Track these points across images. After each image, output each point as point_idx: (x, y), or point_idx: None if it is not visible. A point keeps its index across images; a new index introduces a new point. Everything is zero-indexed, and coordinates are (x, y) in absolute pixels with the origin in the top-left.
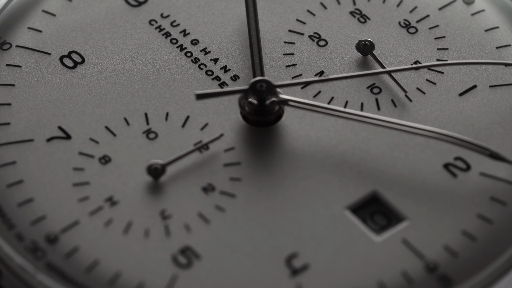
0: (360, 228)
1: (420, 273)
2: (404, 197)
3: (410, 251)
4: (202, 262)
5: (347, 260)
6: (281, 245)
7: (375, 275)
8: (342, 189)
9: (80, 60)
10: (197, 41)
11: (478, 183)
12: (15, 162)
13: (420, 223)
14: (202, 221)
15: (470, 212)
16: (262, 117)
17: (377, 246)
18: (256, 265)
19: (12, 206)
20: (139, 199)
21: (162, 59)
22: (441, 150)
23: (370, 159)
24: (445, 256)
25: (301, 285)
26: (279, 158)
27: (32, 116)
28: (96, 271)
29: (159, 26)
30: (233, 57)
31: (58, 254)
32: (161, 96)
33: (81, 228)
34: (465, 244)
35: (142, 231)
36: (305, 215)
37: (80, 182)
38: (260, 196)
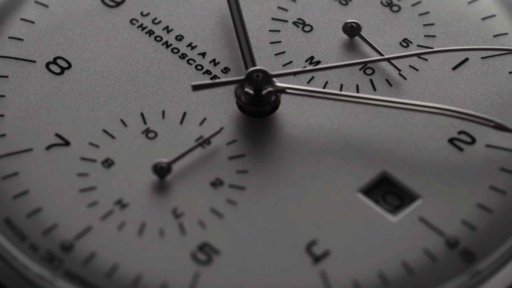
0: (375, 210)
1: (442, 250)
2: (414, 176)
3: (428, 229)
4: (222, 257)
5: (367, 242)
6: (299, 233)
7: (398, 256)
8: (351, 172)
9: (67, 66)
10: (181, 36)
11: (485, 155)
12: (17, 173)
13: (434, 200)
14: (216, 216)
15: (482, 184)
16: (259, 107)
17: (395, 226)
18: (277, 255)
19: (21, 217)
20: (149, 200)
21: (150, 57)
22: (443, 126)
23: (374, 140)
24: (464, 231)
25: (324, 271)
26: (283, 147)
27: (27, 125)
28: (117, 275)
29: (140, 24)
30: (220, 49)
31: (75, 262)
32: (155, 95)
33: (94, 234)
34: (482, 217)
35: (156, 232)
36: (318, 202)
37: (87, 188)
38: (270, 187)
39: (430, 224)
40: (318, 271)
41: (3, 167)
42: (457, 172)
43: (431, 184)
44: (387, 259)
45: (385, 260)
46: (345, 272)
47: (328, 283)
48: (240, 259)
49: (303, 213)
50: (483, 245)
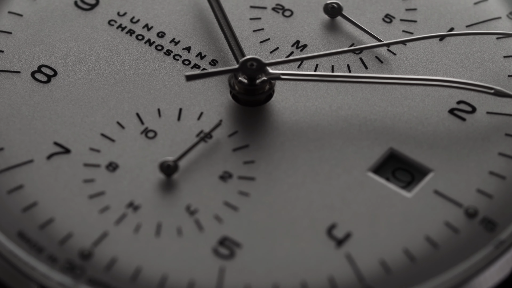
0: (389, 187)
1: (463, 221)
2: (421, 150)
3: (445, 201)
4: (244, 250)
5: (387, 221)
6: (317, 218)
7: (420, 231)
8: (357, 152)
9: (52, 73)
10: (163, 33)
11: (488, 122)
12: (22, 185)
13: (446, 172)
14: (230, 209)
15: (490, 152)
16: (253, 96)
17: (411, 202)
18: (299, 242)
19: (34, 229)
20: (160, 199)
21: (135, 57)
22: (441, 97)
23: (375, 118)
24: (481, 200)
25: (349, 254)
26: (285, 133)
27: (23, 136)
28: (142, 278)
29: (119, 25)
30: (204, 42)
31: (97, 268)
32: (147, 94)
33: (112, 239)
34: (496, 185)
35: (174, 230)
36: (330, 185)
37: (95, 193)
38: (279, 175)
39: (446, 196)
40: (343, 254)
41: (7, 181)
42: (464, 142)
43: (440, 156)
44: (410, 235)
45: (408, 237)
46: (370, 253)
47: (355, 265)
48: (263, 249)
49: (317, 198)
50: (503, 212)
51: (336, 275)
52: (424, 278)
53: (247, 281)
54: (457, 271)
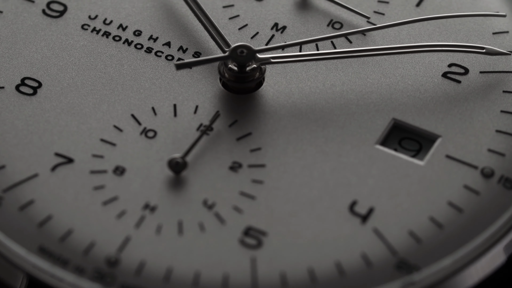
0: (400, 158)
1: (481, 182)
2: (423, 116)
3: (460, 164)
4: (270, 237)
5: (406, 191)
6: (336, 197)
7: (441, 197)
8: (361, 127)
9: (37, 85)
10: (139, 31)
11: (483, 81)
12: (33, 200)
13: (454, 136)
14: (248, 198)
15: (492, 111)
16: (243, 83)
17: (426, 169)
18: (324, 223)
19: (55, 242)
20: (176, 197)
21: (117, 58)
22: (431, 62)
23: (370, 90)
24: (495, 159)
25: (376, 228)
26: (286, 117)
27: (22, 151)
28: (174, 278)
29: (93, 28)
30: (183, 36)
31: (127, 273)
32: (137, 94)
33: (135, 242)
34: (507, 142)
35: (196, 227)
36: (341, 163)
37: (109, 199)
38: (288, 158)
39: (459, 159)
40: (370, 230)
41: (16, 198)
42: (464, 104)
43: (444, 121)
44: (432, 203)
45: (431, 205)
46: (397, 225)
47: (385, 239)
48: (289, 234)
49: (332, 177)
50: None
51: (368, 251)
52: (457, 244)
53: (281, 268)
54: (489, 233)
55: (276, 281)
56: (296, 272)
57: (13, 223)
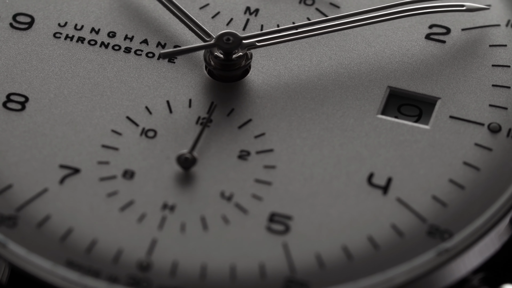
0: (406, 124)
1: (491, 138)
2: (417, 81)
3: (466, 123)
4: (296, 220)
5: (419, 157)
6: (352, 172)
7: (455, 158)
8: (359, 99)
9: (24, 99)
10: (113, 33)
11: (467, 39)
12: (49, 216)
13: (453, 96)
14: (264, 185)
15: (484, 66)
16: (231, 71)
17: (433, 132)
18: (346, 199)
19: (81, 255)
20: (192, 193)
21: (97, 63)
22: (412, 26)
23: (358, 61)
24: (498, 113)
25: (399, 198)
26: (282, 99)
27: (26, 168)
28: (210, 274)
29: (66, 35)
30: (158, 31)
31: (162, 276)
32: (127, 95)
33: (163, 244)
34: (505, 96)
35: (220, 220)
36: (348, 137)
37: (125, 204)
38: (295, 140)
39: (464, 119)
40: (394, 200)
41: (31, 216)
42: (454, 63)
43: (438, 83)
44: (448, 165)
45: (447, 167)
46: (418, 192)
47: (410, 208)
48: (314, 215)
49: (342, 153)
50: None
51: (397, 222)
52: (482, 204)
53: (314, 250)
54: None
55: (312, 263)
56: (331, 251)
57: (33, 241)
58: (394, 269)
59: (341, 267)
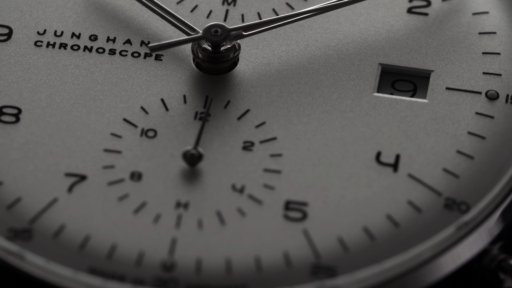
0: (404, 100)
1: (490, 106)
2: (407, 55)
3: (463, 93)
4: (312, 206)
5: (423, 131)
6: (359, 152)
7: (460, 129)
8: (352, 79)
9: (17, 111)
10: (94, 36)
11: (449, 9)
12: (64, 225)
13: (445, 67)
14: (274, 173)
15: (471, 34)
16: (220, 63)
17: (432, 105)
18: (358, 180)
19: (103, 260)
20: (203, 189)
21: (84, 68)
22: (392, 2)
23: (345, 42)
24: (493, 80)
25: (411, 174)
26: (276, 86)
27: (32, 180)
28: (236, 267)
29: (48, 43)
30: (139, 30)
31: (188, 274)
32: (120, 97)
33: (183, 242)
34: (497, 63)
35: (236, 213)
36: (349, 118)
37: (138, 207)
38: (296, 126)
39: (461, 89)
40: (405, 176)
41: (45, 227)
42: (440, 35)
43: (428, 55)
44: (453, 137)
45: (452, 139)
46: (429, 166)
47: (423, 182)
48: (329, 199)
49: (345, 134)
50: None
51: (413, 198)
52: (494, 172)
53: (336, 234)
54: None
55: (336, 247)
56: (352, 233)
57: (52, 252)
58: (418, 247)
59: (365, 248)
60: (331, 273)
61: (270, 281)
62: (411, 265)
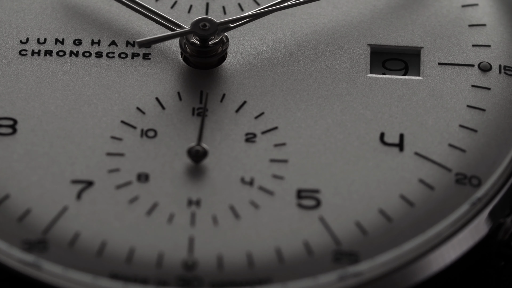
0: (399, 79)
1: (484, 78)
2: (395, 34)
3: (456, 67)
4: (324, 192)
5: (423, 108)
6: (362, 135)
7: (459, 103)
8: (343, 62)
9: (12, 122)
10: (78, 40)
11: None
12: (78, 233)
13: (434, 42)
14: (281, 163)
15: (454, 8)
16: (206, 58)
17: (428, 82)
18: (366, 162)
19: (122, 265)
20: (213, 185)
21: (73, 73)
22: None
23: (332, 25)
24: (483, 52)
25: (417, 151)
26: (269, 75)
27: (39, 190)
28: (257, 260)
29: (32, 51)
30: (123, 31)
31: (211, 272)
32: (115, 100)
33: (200, 240)
34: (485, 34)
35: (249, 206)
36: (346, 101)
37: (150, 208)
38: (296, 114)
39: (452, 63)
40: (412, 155)
41: (60, 236)
42: (424, 11)
43: (415, 32)
44: (453, 112)
45: (453, 114)
46: (434, 143)
47: (431, 159)
48: (340, 184)
49: (346, 118)
50: (509, 54)
51: (423, 176)
52: (499, 141)
53: (352, 218)
54: None
55: (354, 231)
56: (369, 217)
57: (69, 261)
58: (437, 226)
59: (384, 231)
60: (353, 259)
61: (294, 272)
62: (432, 244)
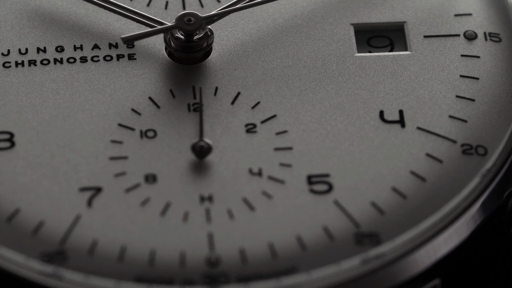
0: (388, 55)
1: (472, 46)
2: (375, 10)
3: (443, 38)
4: (334, 176)
5: (416, 81)
6: (361, 115)
7: (452, 75)
8: (329, 43)
9: (9, 136)
10: (60, 47)
11: None
12: (96, 240)
13: (416, 16)
14: (286, 151)
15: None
16: (192, 53)
17: (417, 55)
18: (370, 142)
19: (145, 269)
20: (222, 179)
21: (61, 80)
22: None
23: (312, 9)
24: (466, 21)
25: (419, 126)
26: (259, 64)
27: (48, 201)
28: (280, 250)
29: (16, 62)
30: (104, 33)
31: (236, 266)
32: (107, 103)
33: (219, 235)
34: (465, 4)
35: (262, 197)
36: (339, 83)
37: (163, 208)
38: (292, 100)
39: (438, 35)
40: (415, 129)
41: (78, 245)
42: None
43: (397, 7)
44: (447, 83)
45: (447, 85)
46: (434, 115)
47: (434, 133)
48: (349, 166)
49: (342, 100)
50: (494, 22)
51: (430, 151)
52: (498, 111)
53: (367, 198)
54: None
55: (371, 211)
56: (383, 195)
57: (91, 269)
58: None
59: (400, 208)
60: (375, 239)
61: (319, 258)
62: (449, 219)
